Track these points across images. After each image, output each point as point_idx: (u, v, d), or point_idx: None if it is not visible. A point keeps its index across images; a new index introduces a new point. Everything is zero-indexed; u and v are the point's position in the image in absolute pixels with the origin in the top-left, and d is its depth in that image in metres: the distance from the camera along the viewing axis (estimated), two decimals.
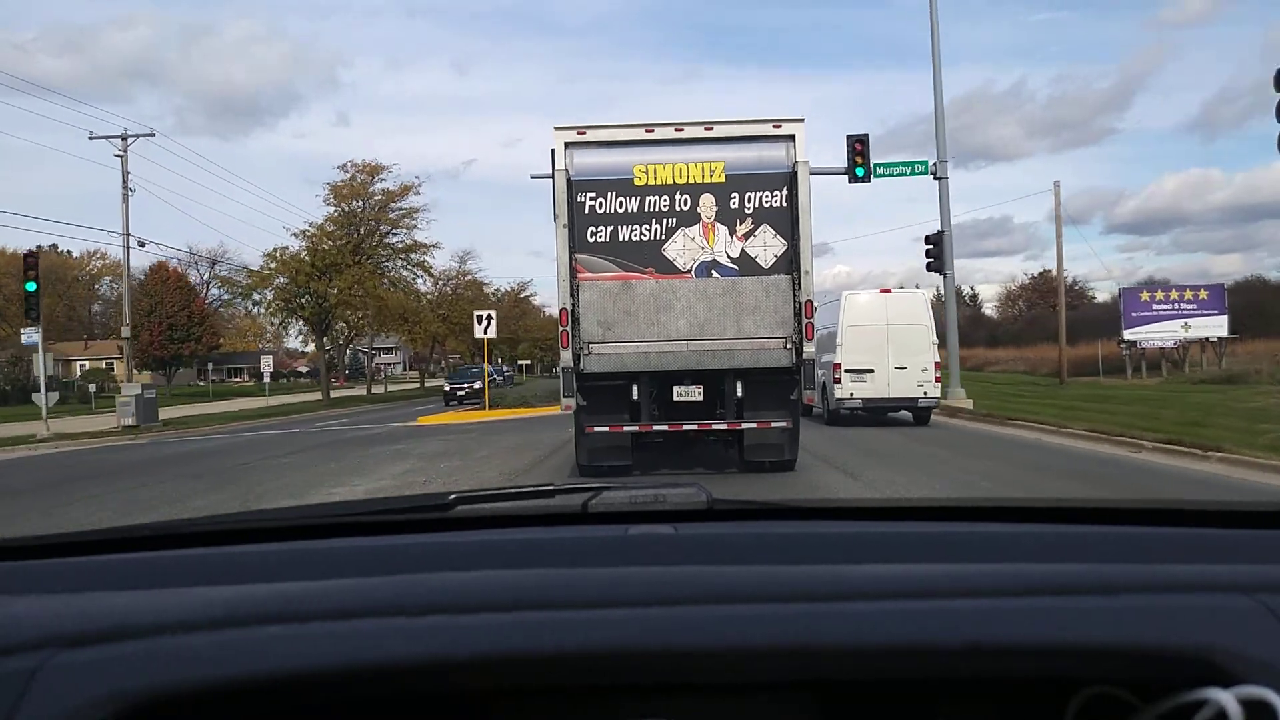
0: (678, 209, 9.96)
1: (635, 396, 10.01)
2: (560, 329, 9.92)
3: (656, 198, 9.96)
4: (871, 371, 17.10)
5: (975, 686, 0.88)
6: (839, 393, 17.27)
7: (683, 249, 9.95)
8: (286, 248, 43.30)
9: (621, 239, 9.96)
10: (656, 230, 9.96)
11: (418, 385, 63.56)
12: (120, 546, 1.19)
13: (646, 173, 9.94)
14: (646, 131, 9.99)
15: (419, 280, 47.21)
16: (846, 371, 17.22)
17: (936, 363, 17.29)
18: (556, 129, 10.07)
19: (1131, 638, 0.83)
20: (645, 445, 10.45)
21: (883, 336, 17.10)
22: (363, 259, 43.13)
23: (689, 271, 9.91)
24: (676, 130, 9.98)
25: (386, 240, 45.82)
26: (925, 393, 17.08)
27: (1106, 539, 1.13)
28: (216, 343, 60.87)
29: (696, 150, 9.97)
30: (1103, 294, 74.08)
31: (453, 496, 1.32)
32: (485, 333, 25.86)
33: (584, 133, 10.01)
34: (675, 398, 10.10)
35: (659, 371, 9.95)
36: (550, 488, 1.37)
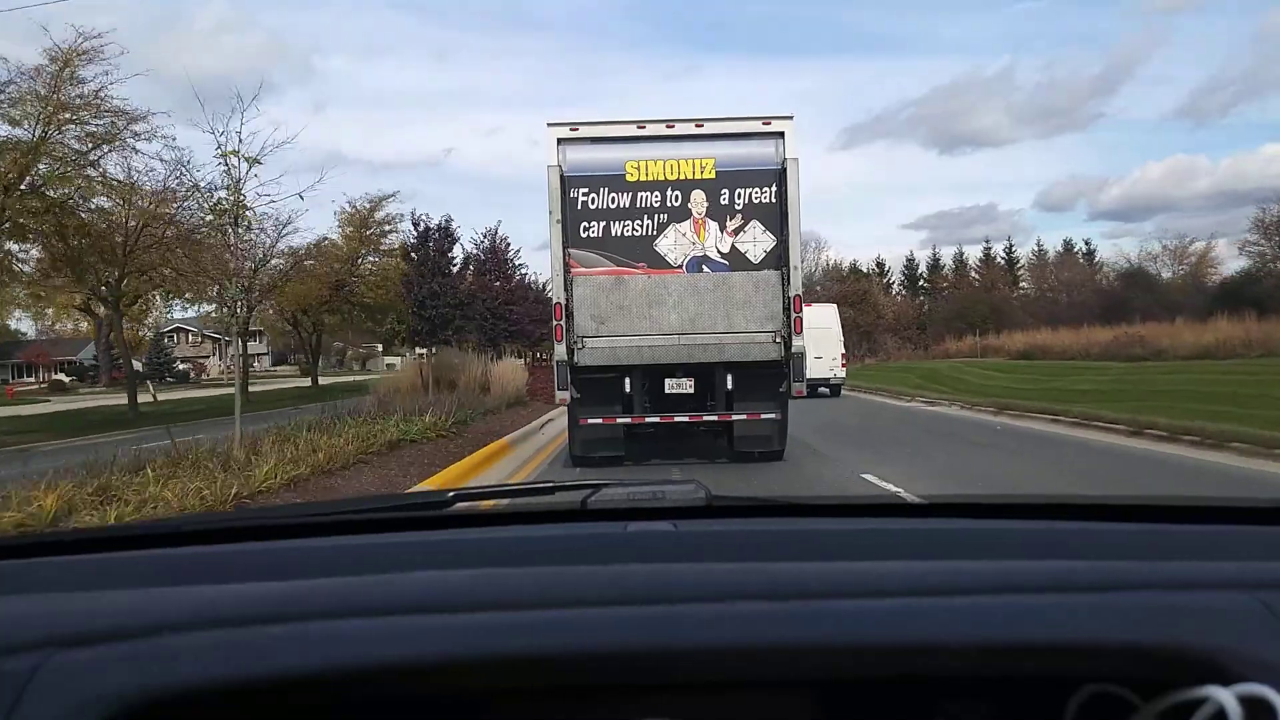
0: (669, 205, 10.03)
1: (628, 389, 10.10)
2: (555, 323, 10.00)
3: (648, 193, 10.02)
4: None
5: (975, 684, 0.87)
6: None
7: (674, 244, 10.03)
8: None
9: (614, 234, 10.01)
10: (648, 226, 10.02)
11: (292, 386, 40.54)
12: (118, 545, 1.17)
13: (638, 169, 10.00)
14: (638, 128, 10.06)
15: None
16: None
17: (843, 354, 25.24)
18: (549, 125, 10.07)
19: (1131, 635, 0.82)
20: (637, 436, 10.54)
21: (805, 336, 21.94)
22: None
23: (680, 267, 9.99)
24: (668, 127, 10.04)
25: None
26: (835, 375, 24.96)
27: (1105, 536, 1.11)
28: None
29: (687, 147, 10.05)
30: None
31: (451, 494, 1.30)
32: None
33: (577, 129, 10.05)
34: (667, 390, 10.20)
35: (651, 365, 10.05)
36: (549, 485, 1.35)
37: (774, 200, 10.02)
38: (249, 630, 0.82)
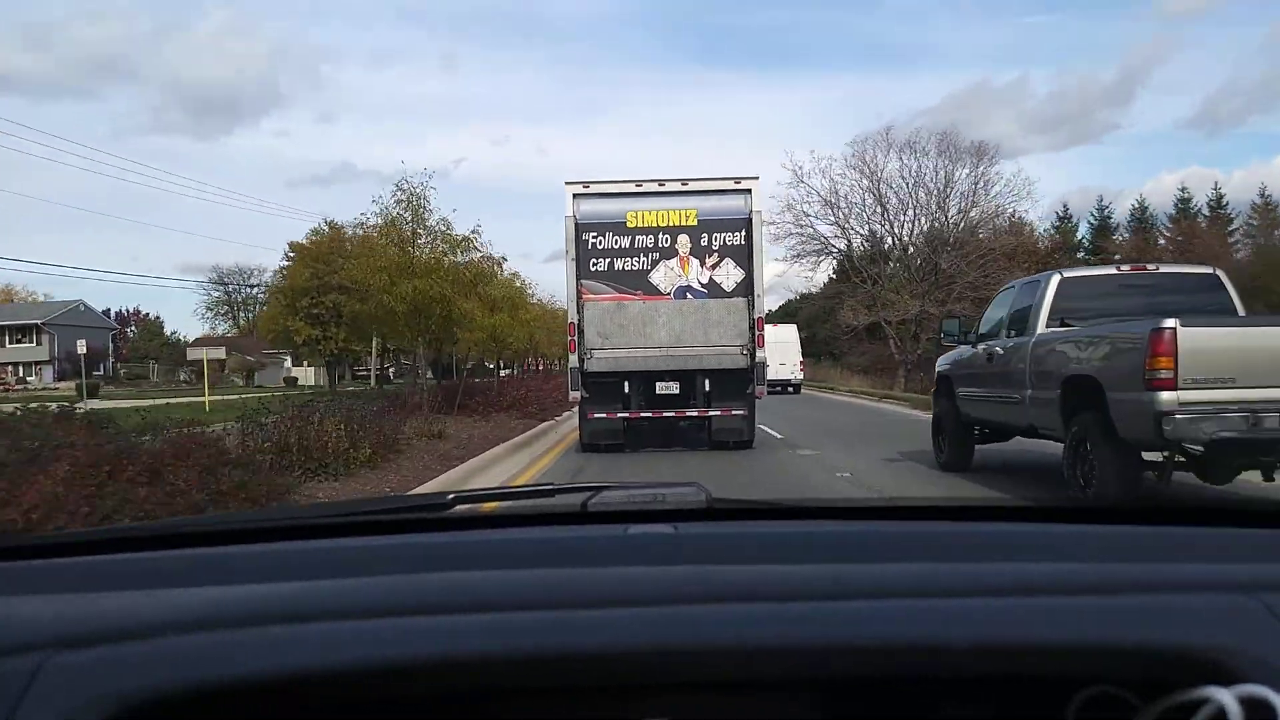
0: (660, 245, 11.29)
1: (627, 390, 11.26)
2: (569, 338, 11.29)
3: (644, 236, 11.27)
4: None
5: (975, 685, 0.81)
6: None
7: (664, 276, 11.27)
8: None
9: (616, 268, 11.28)
10: (644, 262, 11.29)
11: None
12: (120, 547, 1.10)
13: (636, 217, 11.31)
14: (636, 186, 11.39)
15: None
16: None
17: (800, 361, 30.00)
18: (567, 183, 11.37)
19: (1131, 637, 0.76)
20: (634, 428, 11.68)
21: (772, 348, 27.07)
22: None
23: (669, 294, 11.24)
24: (659, 185, 11.34)
25: None
26: (795, 376, 29.67)
27: (1106, 538, 1.04)
28: None
29: (675, 200, 11.35)
30: None
31: (451, 496, 1.23)
32: None
33: (588, 186, 11.37)
34: (658, 391, 11.36)
35: (645, 371, 11.22)
36: (550, 487, 1.31)
37: (743, 243, 11.24)
38: (249, 631, 0.76)
